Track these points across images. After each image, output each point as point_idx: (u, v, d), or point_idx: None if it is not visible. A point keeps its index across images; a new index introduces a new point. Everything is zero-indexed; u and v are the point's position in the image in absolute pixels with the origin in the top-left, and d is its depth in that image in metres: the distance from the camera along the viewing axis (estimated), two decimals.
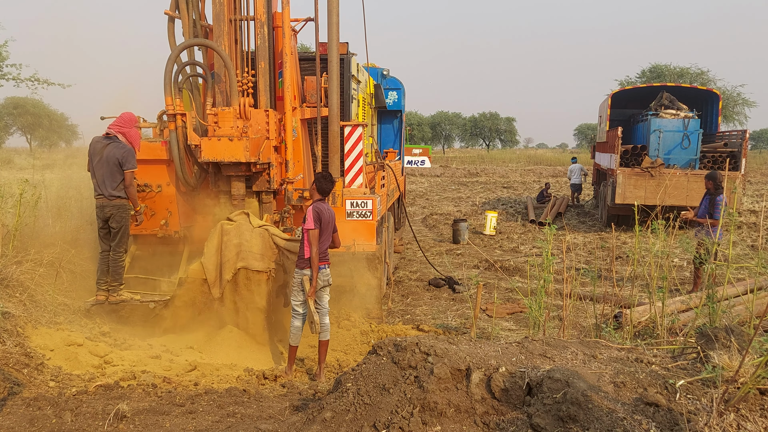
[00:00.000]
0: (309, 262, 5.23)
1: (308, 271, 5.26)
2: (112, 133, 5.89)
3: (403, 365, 3.11)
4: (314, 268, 5.22)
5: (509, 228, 14.93)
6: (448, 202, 20.97)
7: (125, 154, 5.81)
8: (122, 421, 3.66)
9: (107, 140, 5.86)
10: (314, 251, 5.20)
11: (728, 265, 4.55)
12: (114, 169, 5.77)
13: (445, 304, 8.16)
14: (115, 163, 5.77)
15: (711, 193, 7.85)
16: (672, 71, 36.04)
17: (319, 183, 5.37)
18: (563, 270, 5.36)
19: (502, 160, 49.93)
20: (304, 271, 5.29)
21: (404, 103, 11.14)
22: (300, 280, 5.32)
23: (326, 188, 5.38)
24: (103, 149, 5.81)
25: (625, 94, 17.07)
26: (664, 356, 3.34)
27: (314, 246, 5.19)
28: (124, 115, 6.06)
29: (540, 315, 4.96)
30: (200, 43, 6.22)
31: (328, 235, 5.36)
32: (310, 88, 6.79)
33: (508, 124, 71.29)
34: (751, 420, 2.43)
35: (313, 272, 5.22)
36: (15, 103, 47.23)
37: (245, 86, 6.22)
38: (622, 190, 13.10)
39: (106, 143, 5.84)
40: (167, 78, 5.95)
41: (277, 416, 3.83)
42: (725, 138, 15.13)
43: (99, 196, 5.83)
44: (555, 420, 2.62)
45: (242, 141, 5.73)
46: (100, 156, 5.79)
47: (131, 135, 6.00)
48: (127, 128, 5.98)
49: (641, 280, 5.88)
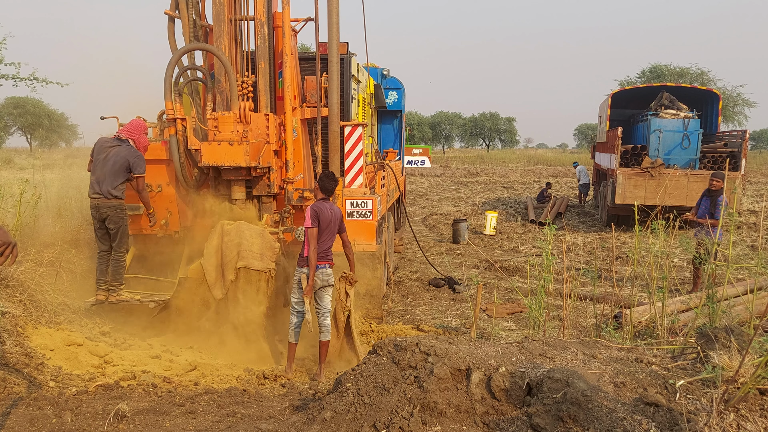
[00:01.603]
0: (308, 261, 5.27)
1: (306, 270, 5.30)
2: (123, 136, 5.92)
3: (403, 365, 3.11)
4: (311, 267, 5.27)
5: (509, 228, 14.93)
6: (448, 202, 20.96)
7: (137, 160, 5.85)
8: (122, 421, 3.66)
9: (118, 142, 5.90)
10: (312, 249, 5.25)
11: (728, 265, 4.55)
12: (119, 169, 5.78)
13: (445, 304, 8.16)
14: (123, 165, 5.78)
15: (713, 192, 7.82)
16: (672, 71, 36.04)
17: (321, 182, 5.42)
18: (563, 270, 5.36)
19: (502, 160, 49.93)
20: (303, 270, 5.34)
21: (404, 103, 11.13)
22: (299, 278, 5.37)
23: (329, 187, 5.42)
24: (111, 149, 5.82)
25: (625, 94, 17.07)
26: (664, 356, 3.34)
27: (312, 244, 5.24)
28: (135, 122, 6.10)
29: (540, 315, 4.96)
30: (201, 47, 6.23)
31: (329, 234, 5.39)
32: (310, 88, 6.78)
33: (508, 124, 71.29)
34: (751, 420, 2.43)
35: (310, 270, 5.27)
36: (15, 102, 47.22)
37: (245, 90, 6.23)
38: (622, 190, 13.11)
39: (115, 144, 5.87)
40: (167, 82, 5.96)
41: (277, 416, 3.82)
42: (725, 138, 15.14)
43: (95, 195, 5.79)
44: (555, 420, 2.62)
45: (242, 145, 5.73)
46: (106, 154, 5.80)
47: (141, 142, 6.06)
48: (137, 135, 6.03)
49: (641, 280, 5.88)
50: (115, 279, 5.96)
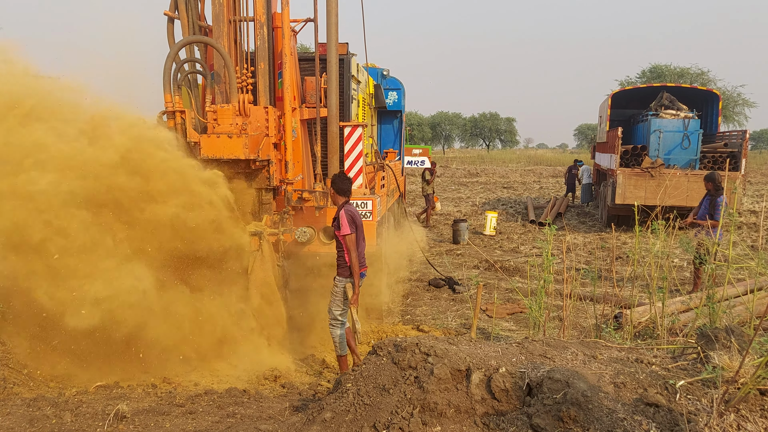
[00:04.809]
0: (350, 270, 5.09)
1: (351, 279, 5.11)
2: None
3: (403, 365, 3.11)
4: (355, 275, 5.07)
5: (509, 228, 14.93)
6: (448, 203, 20.96)
7: None
8: (122, 422, 3.65)
9: None
10: (354, 257, 5.04)
11: (728, 265, 4.55)
12: None
13: (445, 304, 8.16)
14: None
15: (711, 194, 7.84)
16: (672, 71, 36.04)
17: (335, 185, 5.20)
18: (563, 270, 5.36)
19: (502, 161, 49.93)
20: (347, 279, 5.14)
21: (404, 103, 11.13)
22: (342, 288, 5.18)
23: (345, 188, 5.22)
24: None
25: (625, 95, 17.08)
26: (664, 356, 3.34)
27: (353, 251, 5.04)
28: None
29: (540, 315, 4.96)
30: (199, 40, 6.22)
31: (362, 236, 5.21)
32: (310, 88, 6.78)
33: (508, 124, 71.32)
34: (751, 420, 2.43)
35: (355, 278, 5.07)
36: None
37: (244, 83, 6.22)
38: (622, 190, 13.11)
39: None
40: (166, 75, 5.96)
41: (277, 416, 3.82)
42: (725, 138, 15.14)
43: None
44: (555, 420, 2.62)
45: (241, 138, 5.73)
46: None
47: None
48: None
49: (641, 280, 5.89)
50: None
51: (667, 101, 14.81)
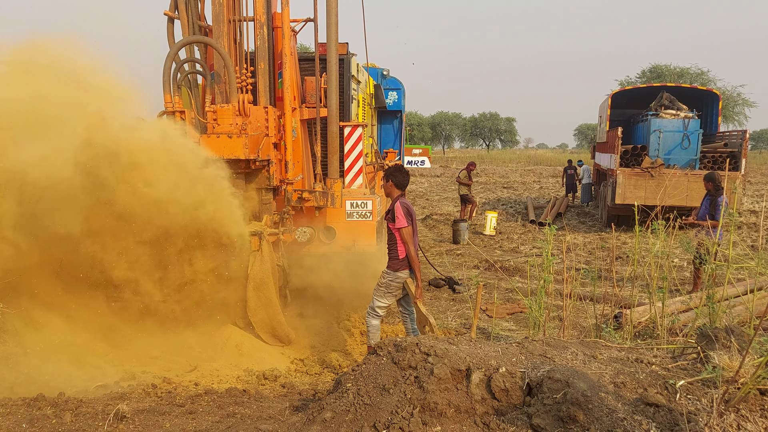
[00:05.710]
0: (404, 263, 5.04)
1: (406, 272, 5.06)
2: None
3: (403, 365, 3.11)
4: (415, 267, 5.02)
5: (509, 228, 14.93)
6: (448, 202, 20.96)
7: None
8: (122, 422, 3.65)
9: None
10: (411, 249, 4.99)
11: (728, 265, 4.55)
12: None
13: (445, 304, 8.15)
14: None
15: (711, 194, 7.84)
16: (672, 71, 36.08)
17: (395, 178, 5.11)
18: (563, 270, 5.36)
19: (502, 161, 49.93)
20: (401, 273, 5.08)
21: (404, 103, 11.14)
22: (388, 281, 5.12)
23: (404, 182, 5.14)
24: None
25: (625, 95, 17.08)
26: (664, 356, 3.34)
27: (410, 244, 4.98)
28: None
29: (540, 315, 4.96)
30: (199, 40, 6.22)
31: (416, 230, 5.18)
32: (310, 88, 6.78)
33: (508, 124, 71.37)
34: (751, 420, 2.43)
35: (416, 271, 5.02)
36: None
37: (244, 83, 6.22)
38: (622, 190, 13.11)
39: None
40: (166, 75, 5.96)
41: (277, 416, 3.82)
42: (725, 138, 15.14)
43: None
44: (555, 420, 2.62)
45: (241, 138, 5.73)
46: None
47: None
48: None
49: (641, 280, 5.88)
50: None
51: (667, 101, 14.81)
